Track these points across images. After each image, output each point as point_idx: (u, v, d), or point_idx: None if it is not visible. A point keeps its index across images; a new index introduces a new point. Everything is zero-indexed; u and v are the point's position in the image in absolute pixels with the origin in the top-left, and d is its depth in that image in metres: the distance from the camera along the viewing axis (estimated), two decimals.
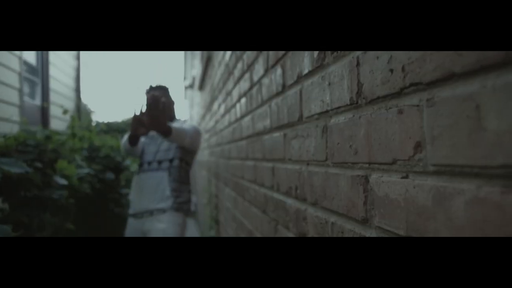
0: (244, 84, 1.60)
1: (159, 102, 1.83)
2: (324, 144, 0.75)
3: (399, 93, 0.50)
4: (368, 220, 0.59)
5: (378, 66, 0.54)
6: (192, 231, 5.88)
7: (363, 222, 0.60)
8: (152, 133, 2.30)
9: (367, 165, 0.59)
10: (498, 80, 0.35)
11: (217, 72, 2.74)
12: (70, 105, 5.96)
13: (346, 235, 0.66)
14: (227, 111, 2.21)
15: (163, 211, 2.10)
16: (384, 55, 0.52)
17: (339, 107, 0.68)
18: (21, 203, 1.96)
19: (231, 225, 2.23)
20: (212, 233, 3.20)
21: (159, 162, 2.22)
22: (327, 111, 0.73)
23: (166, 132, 1.92)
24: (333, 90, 0.69)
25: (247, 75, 1.54)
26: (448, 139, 0.41)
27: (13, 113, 4.34)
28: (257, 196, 1.41)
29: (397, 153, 0.50)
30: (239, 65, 1.73)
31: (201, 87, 4.47)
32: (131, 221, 2.24)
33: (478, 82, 0.37)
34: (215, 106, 2.95)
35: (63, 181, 2.12)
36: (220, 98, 2.57)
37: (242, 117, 1.68)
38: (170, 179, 2.17)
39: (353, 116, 0.62)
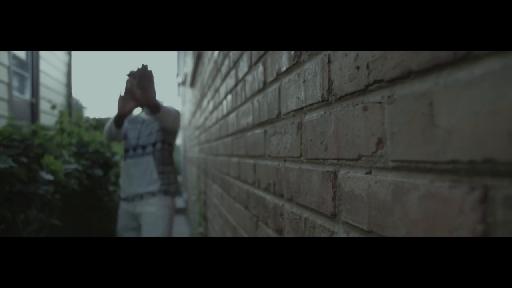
0: (230, 81, 1.61)
1: (150, 73, 1.89)
2: (299, 141, 0.76)
3: (364, 90, 0.50)
4: (336, 216, 0.60)
5: (346, 63, 0.55)
6: (183, 228, 5.88)
7: (332, 218, 0.61)
8: (134, 116, 2.37)
9: (335, 161, 0.59)
10: (449, 77, 0.35)
11: (207, 69, 2.74)
12: (61, 100, 5.92)
13: (317, 230, 0.67)
14: (215, 108, 2.21)
15: (152, 194, 2.24)
16: (352, 52, 0.53)
17: (312, 104, 0.68)
18: (4, 198, 1.94)
19: (218, 222, 2.23)
20: (200, 230, 3.20)
21: (143, 147, 2.32)
22: (302, 108, 0.74)
23: (156, 107, 1.99)
24: (307, 87, 0.70)
25: (233, 72, 1.54)
26: (405, 136, 0.42)
27: (2, 108, 4.31)
28: (241, 192, 1.42)
29: (362, 149, 0.51)
30: (226, 62, 1.73)
31: (192, 84, 4.47)
32: (123, 205, 2.37)
33: (432, 79, 0.38)
34: (205, 102, 2.95)
35: (49, 177, 2.11)
36: (209, 95, 2.57)
37: (228, 114, 1.68)
38: (156, 163, 2.30)
39: (324, 113, 0.63)
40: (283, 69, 0.84)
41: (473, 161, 0.33)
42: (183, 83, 6.41)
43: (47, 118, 5.32)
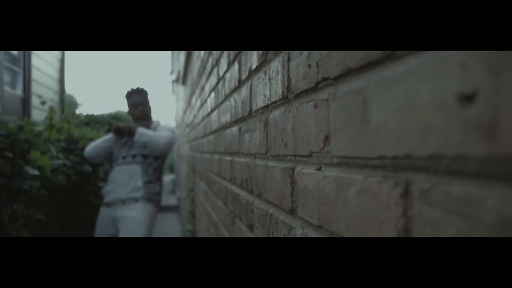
0: (213, 79, 1.61)
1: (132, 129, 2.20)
2: (265, 138, 0.77)
3: (315, 88, 0.51)
4: (294, 211, 0.61)
5: (301, 61, 0.56)
6: (175, 226, 5.88)
7: (290, 213, 0.62)
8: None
9: (293, 158, 0.60)
10: (379, 75, 0.36)
11: (195, 66, 2.74)
12: (54, 96, 5.89)
13: (279, 225, 0.68)
14: (201, 105, 2.22)
15: (135, 200, 2.21)
16: (305, 52, 0.54)
17: (275, 102, 0.69)
18: None
19: (203, 219, 2.24)
20: (188, 227, 3.21)
21: (133, 156, 2.37)
22: (268, 106, 0.75)
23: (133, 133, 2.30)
24: (272, 85, 0.71)
25: (215, 70, 1.55)
26: (345, 132, 0.43)
27: None
28: (221, 189, 1.42)
29: (313, 145, 0.52)
30: (210, 60, 1.74)
31: (184, 81, 4.47)
32: (103, 210, 2.38)
33: (366, 77, 0.39)
34: (193, 100, 2.95)
35: (35, 172, 2.11)
36: (197, 92, 2.58)
37: (212, 111, 1.69)
38: (143, 173, 2.27)
39: (285, 110, 0.64)
40: (254, 67, 0.85)
41: (396, 157, 0.34)
42: (177, 80, 6.40)
43: (40, 114, 5.29)
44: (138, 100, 2.57)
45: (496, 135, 0.23)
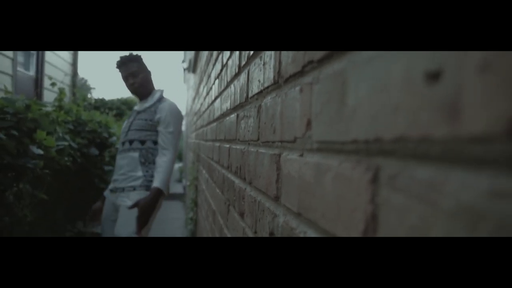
0: (218, 66, 1.60)
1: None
2: (257, 124, 0.75)
3: (302, 72, 0.50)
4: (278, 198, 0.60)
5: None
6: (179, 214, 5.92)
7: (275, 200, 0.61)
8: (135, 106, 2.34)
9: (280, 144, 0.59)
10: (359, 55, 0.35)
11: (204, 53, 2.73)
12: (66, 79, 5.94)
13: (265, 213, 0.67)
14: (207, 93, 2.21)
15: (133, 188, 2.13)
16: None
17: (268, 87, 0.68)
18: None
19: (204, 207, 2.25)
20: (191, 215, 3.22)
21: (130, 142, 2.21)
22: (261, 91, 0.73)
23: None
24: (266, 70, 0.70)
25: (220, 57, 1.53)
26: (324, 116, 0.41)
27: (6, 83, 4.34)
28: (220, 177, 1.42)
29: (297, 131, 0.51)
30: None
31: (194, 69, 4.46)
32: (108, 195, 2.32)
33: (347, 58, 0.37)
34: (201, 88, 2.95)
35: (39, 151, 2.12)
36: (204, 80, 2.57)
37: (215, 99, 1.68)
38: (142, 160, 2.16)
39: (276, 95, 0.63)
40: (251, 52, 0.83)
41: (367, 141, 0.32)
42: (188, 69, 6.40)
43: (51, 96, 5.35)
44: (134, 68, 2.28)
45: (458, 114, 0.22)
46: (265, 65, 0.70)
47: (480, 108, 0.20)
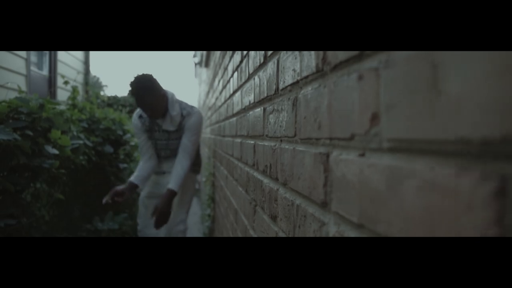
0: (237, 58, 1.52)
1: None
2: (293, 118, 0.67)
3: (360, 56, 0.41)
4: (327, 204, 0.52)
5: None
6: (195, 209, 5.89)
7: (322, 206, 0.53)
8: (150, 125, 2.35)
9: (328, 141, 0.51)
10: None
11: None
12: (79, 78, 5.93)
13: (308, 219, 0.59)
14: (224, 87, 2.13)
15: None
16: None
17: (307, 77, 0.60)
18: (9, 170, 1.93)
19: (223, 204, 2.18)
20: (208, 211, 3.16)
21: (173, 150, 2.44)
22: (297, 82, 0.65)
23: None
24: (303, 57, 0.61)
25: None
26: (404, 108, 0.33)
27: (20, 83, 4.33)
28: (242, 174, 1.34)
29: (355, 126, 0.43)
30: None
31: (207, 63, 4.39)
32: (153, 177, 2.55)
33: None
34: (216, 82, 2.87)
35: (54, 151, 2.08)
36: (220, 73, 2.49)
37: (234, 92, 1.60)
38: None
39: (319, 85, 0.54)
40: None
41: (485, 140, 0.24)
42: (200, 63, 6.33)
43: (65, 94, 5.34)
44: (150, 100, 2.11)
45: None
46: (302, 51, 0.62)
47: None
